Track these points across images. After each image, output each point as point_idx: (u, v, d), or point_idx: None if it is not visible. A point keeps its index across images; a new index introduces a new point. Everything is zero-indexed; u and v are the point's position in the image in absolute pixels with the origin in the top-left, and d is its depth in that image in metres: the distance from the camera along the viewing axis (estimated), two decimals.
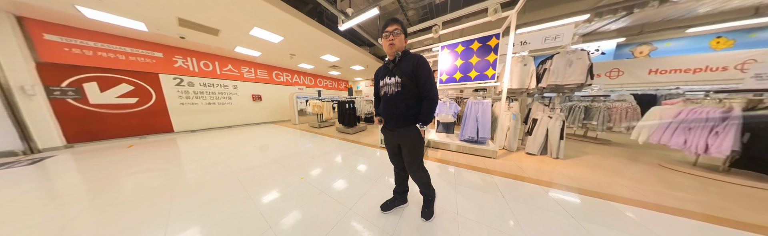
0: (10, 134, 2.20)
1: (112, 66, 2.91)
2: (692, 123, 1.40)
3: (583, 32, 3.78)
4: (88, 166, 1.77)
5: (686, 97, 1.60)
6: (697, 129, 1.37)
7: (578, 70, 1.68)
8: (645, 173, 1.49)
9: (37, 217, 0.98)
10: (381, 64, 2.42)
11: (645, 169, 1.56)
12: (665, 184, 1.29)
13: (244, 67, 4.71)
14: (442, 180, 1.36)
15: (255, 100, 5.05)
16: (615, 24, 3.45)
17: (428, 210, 0.92)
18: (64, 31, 2.51)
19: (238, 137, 3.25)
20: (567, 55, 1.74)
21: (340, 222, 0.91)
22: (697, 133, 1.38)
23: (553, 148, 1.86)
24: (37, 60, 2.41)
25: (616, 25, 3.52)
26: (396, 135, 0.83)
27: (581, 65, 1.67)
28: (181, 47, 3.57)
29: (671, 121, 1.51)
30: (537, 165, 1.65)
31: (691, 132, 1.40)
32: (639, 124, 1.75)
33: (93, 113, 2.81)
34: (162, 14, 2.29)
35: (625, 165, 1.65)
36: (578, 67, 1.68)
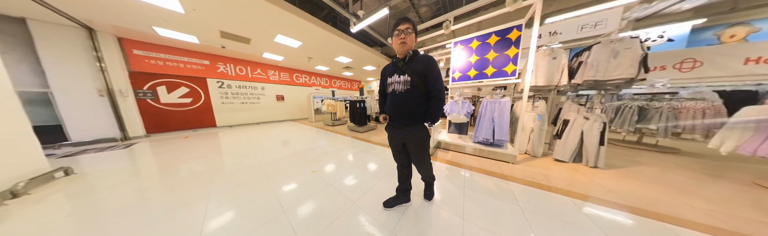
0: (113, 126, 2.95)
1: (175, 72, 3.64)
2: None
3: (640, 15, 3.04)
4: (160, 151, 2.29)
5: None
6: None
7: (627, 62, 1.38)
8: (729, 192, 1.14)
9: (129, 186, 1.32)
10: None
11: (730, 188, 1.20)
12: (761, 209, 0.97)
13: (270, 71, 5.30)
14: (449, 182, 1.30)
15: (278, 100, 5.64)
16: (689, 1, 2.68)
17: (430, 192, 1.04)
18: (145, 47, 3.25)
19: (264, 133, 3.67)
20: (611, 45, 1.45)
21: (344, 213, 0.96)
22: None
23: (589, 155, 1.58)
24: (129, 69, 3.18)
25: (691, 4, 2.74)
26: (402, 133, 0.83)
27: (631, 56, 1.37)
28: (222, 55, 4.23)
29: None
30: (568, 174, 1.42)
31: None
32: (723, 129, 1.34)
33: (163, 110, 3.56)
34: (209, 28, 2.76)
35: (698, 181, 1.29)
36: (627, 59, 1.38)
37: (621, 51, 1.41)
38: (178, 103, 3.76)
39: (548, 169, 1.54)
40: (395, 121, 0.83)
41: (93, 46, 2.72)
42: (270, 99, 5.40)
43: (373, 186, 1.27)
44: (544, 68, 1.77)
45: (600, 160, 1.53)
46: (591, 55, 1.51)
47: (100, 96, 2.84)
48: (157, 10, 2.15)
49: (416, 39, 0.79)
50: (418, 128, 0.79)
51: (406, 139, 0.83)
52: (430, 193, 1.05)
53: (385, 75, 0.86)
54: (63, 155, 2.16)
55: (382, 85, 0.89)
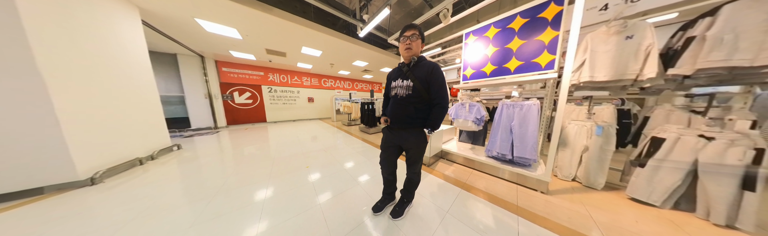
0: (209, 118, 4.45)
1: (243, 82, 5.03)
2: None
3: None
4: (234, 137, 3.28)
5: None
6: None
7: (653, 62, 0.67)
8: None
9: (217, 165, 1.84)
10: None
11: None
12: None
13: (304, 77, 6.35)
14: (432, 202, 1.08)
15: (309, 102, 6.66)
16: None
17: (399, 210, 0.94)
18: (228, 65, 4.69)
19: (297, 128, 4.44)
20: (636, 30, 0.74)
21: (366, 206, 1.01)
22: None
23: (719, 206, 0.85)
24: (220, 81, 4.69)
25: None
26: (398, 136, 0.85)
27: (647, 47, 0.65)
28: (270, 67, 5.47)
29: None
30: (646, 226, 0.83)
31: None
32: None
33: (235, 109, 5.02)
34: (258, 48, 3.65)
35: None
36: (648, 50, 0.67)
37: (645, 39, 0.70)
38: (245, 104, 5.18)
39: (605, 210, 0.96)
40: (394, 124, 0.84)
41: (202, 66, 4.21)
42: (303, 101, 6.47)
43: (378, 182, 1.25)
44: (610, 54, 1.13)
45: (745, 217, 0.80)
46: (717, 24, 0.83)
47: (205, 98, 4.35)
48: (228, 39, 3.10)
49: (423, 45, 0.81)
50: (416, 133, 0.80)
51: (402, 143, 0.85)
52: (400, 211, 0.94)
53: (390, 79, 0.88)
54: (187, 135, 3.47)
55: (387, 88, 0.92)
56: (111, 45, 1.75)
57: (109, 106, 1.67)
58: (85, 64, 1.51)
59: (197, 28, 2.63)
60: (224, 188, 1.31)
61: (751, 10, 0.79)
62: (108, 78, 1.69)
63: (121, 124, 1.78)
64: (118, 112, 1.75)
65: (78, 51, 1.47)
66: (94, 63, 1.59)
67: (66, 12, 1.43)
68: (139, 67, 2.06)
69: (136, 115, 1.95)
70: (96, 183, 1.41)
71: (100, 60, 1.64)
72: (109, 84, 1.70)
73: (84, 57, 1.51)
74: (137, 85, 2.00)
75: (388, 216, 0.94)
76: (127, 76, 1.89)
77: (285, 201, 1.13)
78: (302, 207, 1.06)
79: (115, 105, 1.73)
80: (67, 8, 1.44)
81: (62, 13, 1.41)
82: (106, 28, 1.73)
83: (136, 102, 1.98)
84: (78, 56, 1.47)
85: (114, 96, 1.73)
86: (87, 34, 1.55)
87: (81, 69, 1.48)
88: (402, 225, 0.88)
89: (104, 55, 1.68)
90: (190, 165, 1.83)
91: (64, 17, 1.41)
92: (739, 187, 0.81)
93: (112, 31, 1.78)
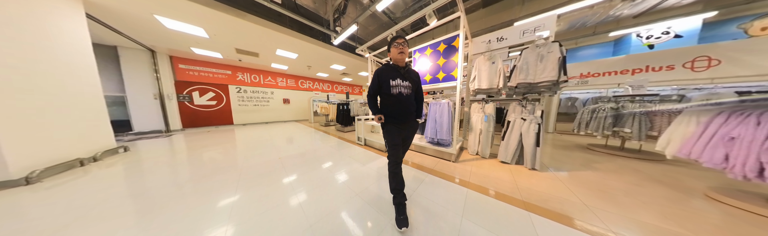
0: (160, 121, 3.92)
1: (205, 81, 4.63)
2: (740, 133, 0.96)
3: (633, 12, 2.81)
4: (191, 141, 2.99)
5: None
6: (749, 142, 0.93)
7: (550, 65, 1.44)
8: (649, 199, 1.09)
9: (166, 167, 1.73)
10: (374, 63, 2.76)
11: (667, 197, 1.12)
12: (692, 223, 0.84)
13: (279, 78, 6.19)
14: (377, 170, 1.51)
15: (285, 103, 6.46)
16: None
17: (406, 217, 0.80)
18: (187, 62, 4.29)
19: (270, 131, 4.30)
20: (537, 49, 1.53)
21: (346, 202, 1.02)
22: (745, 148, 0.93)
23: (528, 157, 1.59)
24: (175, 79, 4.22)
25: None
26: (405, 128, 0.96)
27: (552, 59, 1.43)
28: (240, 66, 5.20)
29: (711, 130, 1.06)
30: (495, 173, 1.47)
31: (737, 146, 0.96)
32: (668, 131, 1.27)
33: (195, 111, 4.53)
34: (227, 47, 3.58)
35: (633, 188, 1.22)
36: (550, 62, 1.45)
37: (545, 55, 1.48)
38: (207, 105, 4.72)
39: (481, 168, 1.60)
40: (401, 118, 0.93)
41: (153, 62, 3.76)
42: (277, 102, 6.25)
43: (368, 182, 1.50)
44: (486, 72, 1.89)
45: (536, 162, 1.54)
46: (521, 59, 1.60)
47: (155, 99, 3.84)
48: (192, 37, 2.99)
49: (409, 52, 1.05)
50: (414, 123, 1.01)
51: (409, 133, 0.98)
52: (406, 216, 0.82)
53: (386, 77, 0.90)
54: (127, 140, 3.03)
55: (378, 86, 0.91)
56: (48, 37, 1.64)
57: (45, 102, 1.56)
58: (18, 57, 1.42)
59: (153, 24, 2.51)
60: (176, 195, 1.13)
61: (531, 53, 1.57)
62: (44, 73, 1.58)
63: (61, 122, 1.66)
64: (55, 109, 1.63)
65: (7, 42, 1.38)
66: (29, 56, 1.49)
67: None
68: (81, 62, 1.91)
69: (76, 112, 1.81)
70: (32, 183, 1.31)
71: (35, 53, 1.54)
72: (45, 79, 1.59)
73: (15, 49, 1.42)
74: (78, 82, 1.86)
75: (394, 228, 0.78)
76: (67, 72, 1.77)
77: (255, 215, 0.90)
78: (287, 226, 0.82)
79: (52, 101, 1.61)
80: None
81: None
82: (43, 18, 1.62)
83: (77, 99, 1.83)
84: (8, 48, 1.38)
85: (51, 92, 1.61)
86: (20, 24, 1.45)
87: (12, 62, 1.39)
88: None
89: (40, 48, 1.58)
90: (137, 168, 1.68)
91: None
92: (534, 145, 1.53)
93: (50, 23, 1.67)
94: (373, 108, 0.96)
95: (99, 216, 0.93)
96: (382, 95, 0.94)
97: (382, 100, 0.94)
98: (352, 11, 3.60)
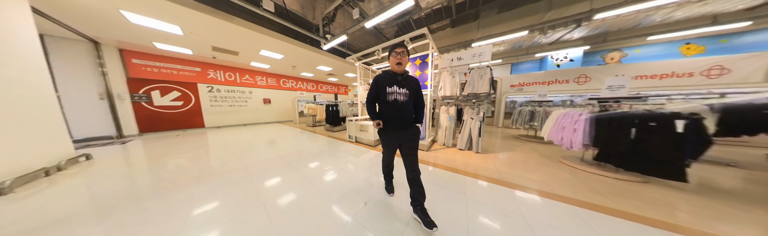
0: (110, 125, 3.38)
1: (169, 78, 4.11)
2: (565, 123, 1.79)
3: (548, 41, 4.04)
4: (150, 148, 2.69)
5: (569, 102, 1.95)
6: (579, 129, 1.75)
7: (485, 83, 2.16)
8: (537, 165, 1.88)
9: (124, 179, 1.65)
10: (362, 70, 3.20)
11: (543, 163, 1.93)
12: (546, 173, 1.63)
13: (258, 76, 5.83)
14: (368, 160, 1.96)
15: (266, 103, 6.14)
16: (577, 33, 3.68)
17: (430, 219, 0.87)
18: (143, 56, 3.74)
19: (251, 133, 4.18)
20: (479, 70, 2.23)
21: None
22: (568, 132, 1.77)
23: (474, 144, 2.31)
24: (127, 76, 3.64)
25: (579, 34, 3.74)
26: (403, 135, 0.95)
27: (486, 79, 2.15)
28: (212, 63, 4.75)
29: (557, 122, 1.90)
30: (453, 157, 2.12)
31: (564, 131, 1.79)
32: (545, 123, 2.12)
33: (156, 113, 4.00)
34: (202, 44, 3.34)
35: (531, 160, 2.01)
36: (485, 81, 2.16)
37: (483, 74, 2.19)
38: (171, 106, 4.20)
39: (445, 154, 2.25)
40: (398, 125, 0.93)
41: (97, 55, 3.19)
42: (257, 102, 5.90)
43: (354, 176, 1.88)
44: (449, 83, 2.54)
45: (479, 147, 2.27)
46: (470, 76, 2.29)
47: (100, 99, 3.28)
48: (160, 33, 2.73)
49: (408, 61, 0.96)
50: (414, 129, 0.98)
51: (408, 139, 0.95)
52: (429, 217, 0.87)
53: (383, 84, 0.93)
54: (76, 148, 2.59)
55: (376, 92, 0.95)
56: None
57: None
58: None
59: (111, 16, 2.21)
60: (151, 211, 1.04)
61: (476, 72, 2.27)
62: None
63: (20, 129, 1.53)
64: (12, 114, 1.49)
65: None
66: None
67: None
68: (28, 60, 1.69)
69: (33, 118, 1.65)
70: (4, 194, 1.26)
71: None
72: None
73: None
74: (27, 82, 1.66)
75: (423, 229, 0.85)
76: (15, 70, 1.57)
77: None
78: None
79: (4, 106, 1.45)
80: None
81: None
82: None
83: (32, 102, 1.66)
84: None
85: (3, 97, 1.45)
86: None
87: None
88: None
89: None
90: (107, 176, 1.58)
91: None
92: (478, 136, 2.25)
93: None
94: (372, 113, 0.99)
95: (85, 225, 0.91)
96: (379, 102, 0.97)
97: (380, 106, 0.97)
98: (340, 18, 3.83)
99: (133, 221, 0.96)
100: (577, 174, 1.59)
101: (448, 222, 0.91)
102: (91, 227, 0.92)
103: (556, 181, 1.44)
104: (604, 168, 1.63)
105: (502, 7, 3.68)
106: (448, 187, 1.34)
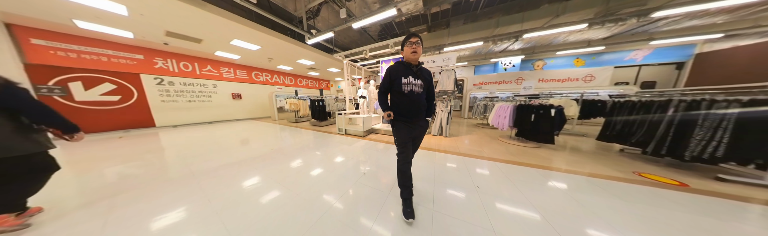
0: None
1: (95, 67, 3.25)
2: (500, 113, 2.58)
3: (498, 50, 5.15)
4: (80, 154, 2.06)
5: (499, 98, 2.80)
6: (506, 115, 2.54)
7: (451, 83, 2.78)
8: (486, 142, 2.64)
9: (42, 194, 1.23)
10: (349, 67, 3.39)
11: (488, 140, 2.72)
12: (491, 146, 2.39)
13: (224, 68, 5.12)
14: (375, 144, 2.32)
15: (235, 98, 5.49)
16: (516, 45, 4.84)
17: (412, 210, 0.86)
18: (50, 36, 2.83)
19: (218, 132, 3.76)
20: (447, 72, 2.83)
21: None
22: (501, 118, 2.56)
23: (444, 131, 2.97)
24: (25, 61, 2.72)
25: (517, 46, 4.93)
26: (417, 127, 0.92)
27: (451, 79, 2.77)
28: (161, 50, 3.93)
29: (496, 112, 2.69)
30: (428, 140, 2.69)
31: (499, 118, 2.59)
32: (491, 113, 2.93)
33: (79, 109, 3.16)
34: (153, 28, 2.80)
35: (482, 140, 2.77)
36: (450, 81, 2.78)
37: (449, 76, 2.80)
38: (101, 101, 3.37)
39: (436, 140, 2.80)
40: (412, 116, 0.90)
41: None
42: (224, 97, 5.24)
43: (340, 172, 2.13)
44: None
45: (447, 133, 2.94)
46: (441, 76, 2.87)
47: None
48: (92, 10, 2.19)
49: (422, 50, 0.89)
50: (425, 122, 0.96)
51: (419, 132, 0.93)
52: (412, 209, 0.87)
53: (398, 75, 0.88)
54: None
55: (389, 83, 0.91)
56: None
57: None
58: None
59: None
60: None
61: (445, 73, 2.87)
62: None
63: None
64: None
65: None
66: None
67: None
68: None
69: None
70: None
71: None
72: None
73: None
74: None
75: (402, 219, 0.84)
76: None
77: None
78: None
79: None
80: None
81: None
82: None
83: None
84: None
85: None
86: None
87: None
88: None
89: None
90: None
91: None
92: (447, 124, 2.91)
93: None
94: (383, 104, 0.95)
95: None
96: (393, 93, 0.92)
97: (393, 97, 0.93)
98: (324, 13, 3.81)
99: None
100: (505, 146, 2.40)
101: (421, 178, 1.37)
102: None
103: (492, 151, 2.17)
104: (519, 141, 2.50)
105: (466, 19, 4.48)
106: (425, 160, 1.86)
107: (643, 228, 0.82)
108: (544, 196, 1.10)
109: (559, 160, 1.81)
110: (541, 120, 2.18)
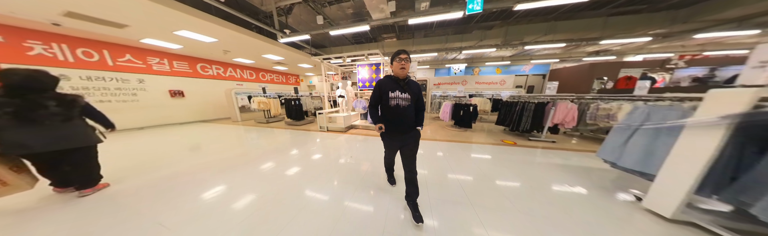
0: None
1: None
2: (445, 109, 3.68)
3: (450, 58, 6.61)
4: None
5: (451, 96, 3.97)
6: (448, 111, 3.65)
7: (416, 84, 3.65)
8: (437, 129, 3.70)
9: None
10: (326, 65, 3.67)
11: (441, 129, 3.80)
12: (439, 132, 3.42)
13: (152, 58, 4.04)
14: (356, 137, 2.85)
15: (174, 97, 4.49)
16: (462, 56, 6.38)
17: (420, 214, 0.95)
18: None
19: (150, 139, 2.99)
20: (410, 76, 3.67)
21: None
22: (447, 113, 3.67)
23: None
24: None
25: (463, 56, 6.52)
26: (405, 138, 0.99)
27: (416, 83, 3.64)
28: (45, 31, 2.78)
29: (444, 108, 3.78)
30: None
31: (444, 113, 3.70)
32: (440, 110, 4.03)
33: None
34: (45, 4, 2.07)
35: (438, 128, 3.84)
36: None
37: (414, 79, 3.65)
38: None
39: None
40: (401, 129, 0.97)
41: None
42: (158, 95, 4.21)
43: (328, 168, 2.50)
44: None
45: None
46: None
47: None
48: None
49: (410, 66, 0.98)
50: (416, 133, 1.01)
51: (409, 142, 0.99)
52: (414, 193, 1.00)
53: (386, 89, 0.96)
54: None
55: (379, 96, 1.00)
56: None
57: None
58: None
59: None
60: None
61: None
62: None
63: None
64: None
65: None
66: None
67: None
68: None
69: None
70: None
71: None
72: None
73: None
74: None
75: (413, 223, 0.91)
76: None
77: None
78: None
79: None
80: None
81: None
82: None
83: None
84: None
85: None
86: None
87: None
88: None
89: None
90: None
91: None
92: None
93: None
94: (374, 117, 1.03)
95: None
96: (382, 106, 1.00)
97: (382, 110, 1.01)
98: (298, 11, 3.72)
99: None
100: (449, 131, 3.55)
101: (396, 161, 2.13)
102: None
103: (440, 135, 3.21)
104: (457, 127, 3.73)
105: (426, 33, 5.51)
106: None
107: (495, 164, 1.81)
108: (457, 157, 2.05)
109: (473, 137, 3.01)
110: (466, 114, 3.39)
